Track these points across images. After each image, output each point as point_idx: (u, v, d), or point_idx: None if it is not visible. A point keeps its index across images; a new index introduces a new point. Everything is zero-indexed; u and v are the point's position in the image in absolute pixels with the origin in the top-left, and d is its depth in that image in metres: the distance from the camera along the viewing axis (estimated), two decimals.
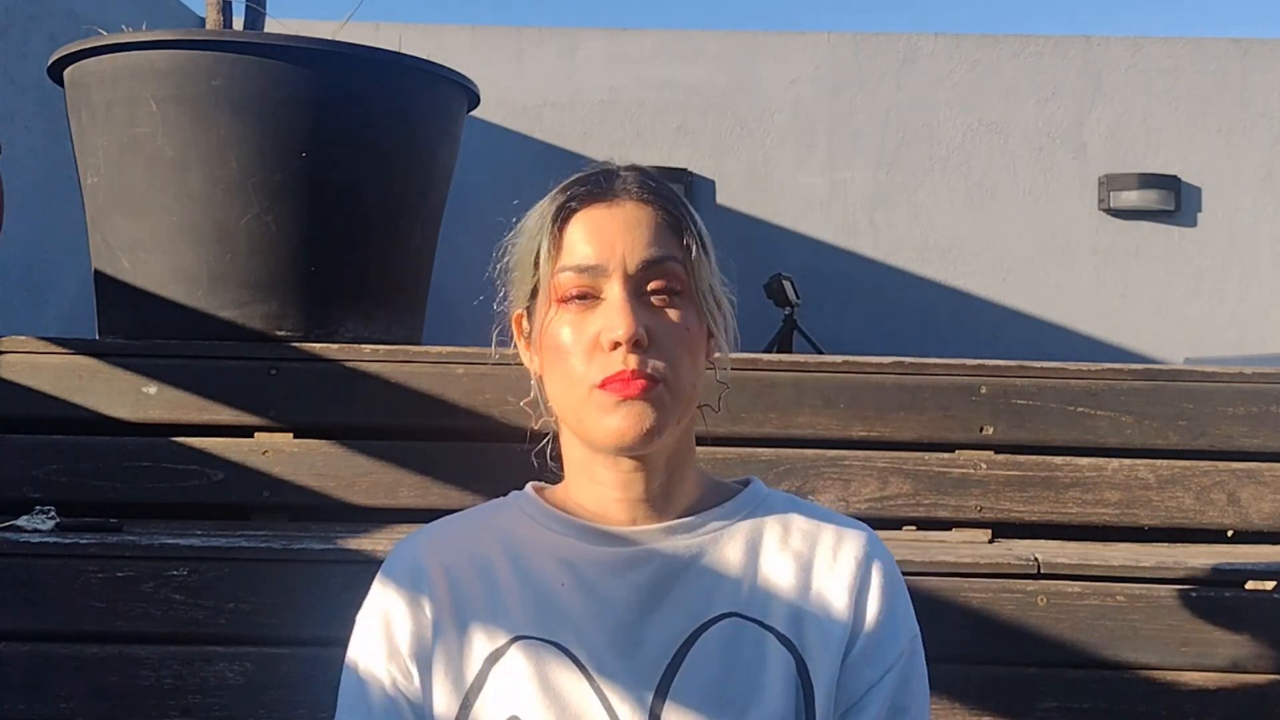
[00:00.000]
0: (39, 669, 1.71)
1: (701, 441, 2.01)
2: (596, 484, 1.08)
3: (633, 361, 1.00)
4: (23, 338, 2.08)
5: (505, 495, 1.17)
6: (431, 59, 2.44)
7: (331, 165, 2.32)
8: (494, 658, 1.03)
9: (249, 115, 2.25)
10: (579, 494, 1.10)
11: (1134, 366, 2.13)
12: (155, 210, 2.29)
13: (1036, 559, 1.78)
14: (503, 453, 2.08)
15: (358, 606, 1.13)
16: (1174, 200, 3.83)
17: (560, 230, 1.05)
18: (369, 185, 2.36)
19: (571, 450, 1.11)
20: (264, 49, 2.28)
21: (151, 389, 2.06)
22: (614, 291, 1.02)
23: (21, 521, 1.86)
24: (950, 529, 2.05)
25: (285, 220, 2.28)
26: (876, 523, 2.05)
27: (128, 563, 1.73)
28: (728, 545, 1.07)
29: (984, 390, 2.07)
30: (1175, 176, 3.84)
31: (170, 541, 1.76)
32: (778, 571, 1.06)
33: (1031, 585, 1.77)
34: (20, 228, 2.69)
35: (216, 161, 2.25)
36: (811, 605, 1.04)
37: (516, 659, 1.02)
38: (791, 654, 1.02)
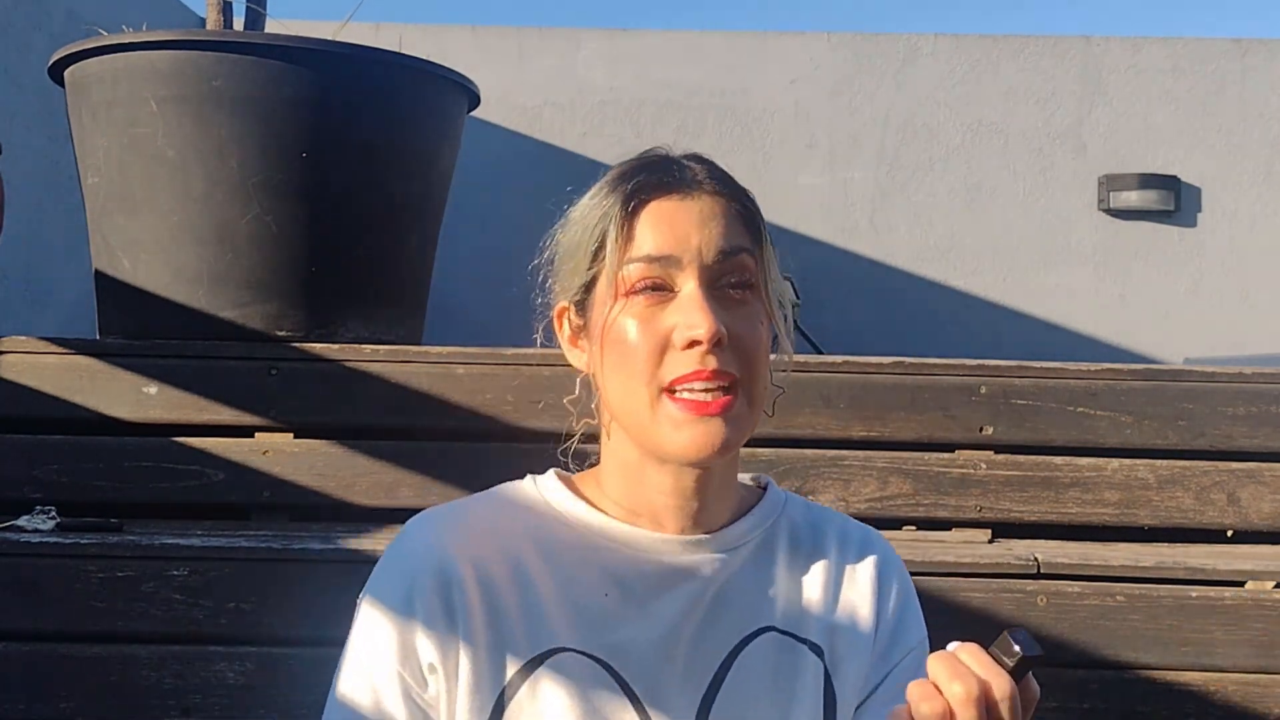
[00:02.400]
0: (39, 669, 1.71)
1: None
2: (646, 488, 1.00)
3: (711, 362, 0.93)
4: (23, 338, 2.08)
5: (523, 479, 1.08)
6: (431, 59, 2.44)
7: (332, 165, 2.32)
8: (529, 669, 0.96)
9: (249, 115, 2.25)
10: (619, 493, 1.02)
11: (1134, 366, 2.13)
12: (155, 210, 2.29)
13: (1036, 559, 1.78)
14: (503, 452, 2.08)
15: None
16: (1174, 200, 3.83)
17: (630, 220, 0.97)
18: (369, 185, 2.36)
19: (620, 452, 1.02)
20: (264, 49, 2.28)
21: (152, 389, 2.06)
22: (689, 286, 0.95)
23: (22, 521, 1.86)
24: (950, 529, 2.05)
25: (285, 220, 2.28)
26: (876, 523, 2.04)
27: (128, 563, 1.73)
28: (763, 557, 1.04)
29: (984, 390, 2.07)
30: (1175, 176, 3.84)
31: (170, 541, 1.76)
32: (810, 583, 1.05)
33: (1031, 585, 1.77)
34: (20, 228, 2.69)
35: (217, 161, 2.25)
36: (840, 616, 1.04)
37: (554, 672, 0.96)
38: (821, 664, 1.02)
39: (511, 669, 0.96)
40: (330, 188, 2.32)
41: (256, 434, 2.06)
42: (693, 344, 0.93)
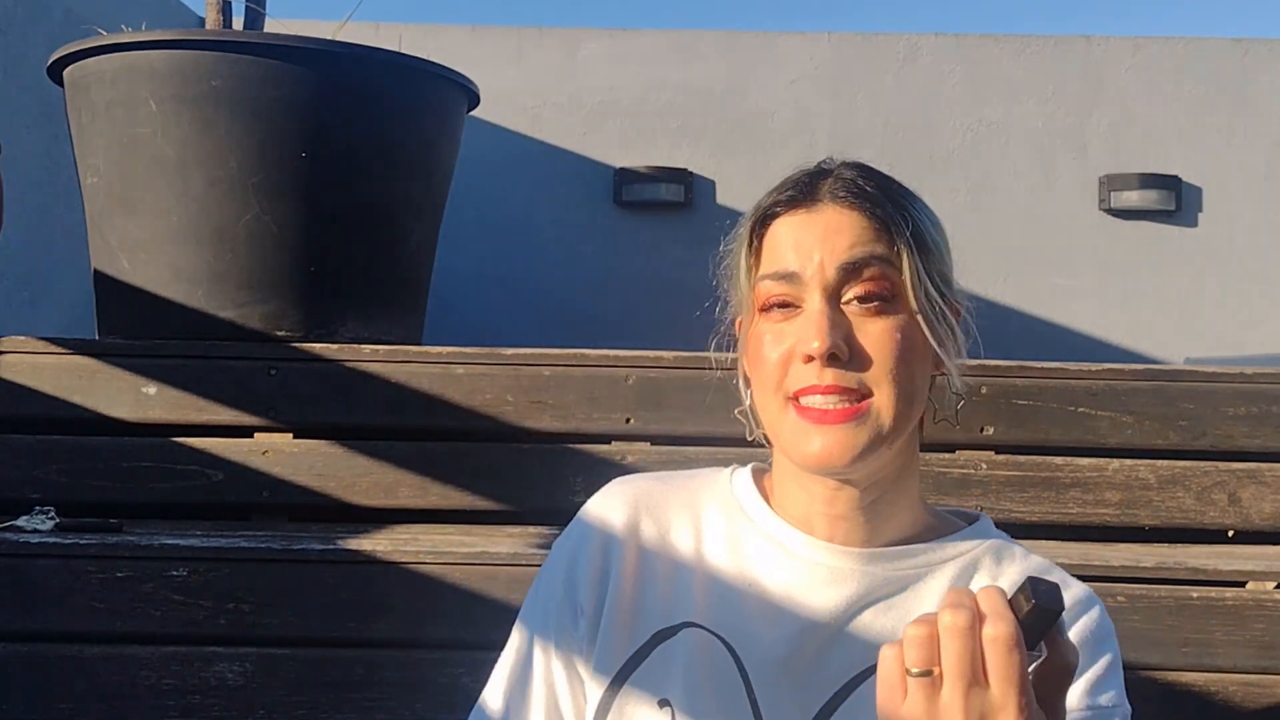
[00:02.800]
0: (39, 669, 1.71)
1: (702, 442, 2.02)
2: (804, 492, 1.02)
3: (829, 376, 0.95)
4: (23, 338, 2.08)
5: (724, 466, 1.13)
6: (431, 59, 2.44)
7: (331, 165, 2.32)
8: (662, 636, 1.01)
9: (249, 115, 2.25)
10: (786, 498, 1.05)
11: (1134, 366, 2.12)
12: (155, 210, 2.28)
13: None
14: (503, 453, 2.08)
15: (358, 606, 1.14)
16: (1174, 200, 3.82)
17: (760, 238, 1.02)
18: (369, 185, 2.36)
19: (782, 459, 1.05)
20: (264, 49, 2.28)
21: (151, 389, 2.06)
22: (813, 301, 0.97)
23: (21, 521, 1.86)
24: None
25: (285, 220, 2.28)
26: None
27: (128, 563, 1.72)
28: (931, 584, 1.00)
29: (984, 390, 2.07)
30: (1175, 176, 3.84)
31: (170, 541, 1.76)
32: None
33: None
34: (20, 228, 2.69)
35: (216, 161, 2.25)
36: None
37: (683, 644, 1.00)
38: None
39: (647, 633, 1.01)
40: (330, 187, 2.32)
41: (256, 434, 2.06)
42: (810, 358, 0.96)
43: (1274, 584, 1.78)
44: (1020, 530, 2.04)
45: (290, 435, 2.05)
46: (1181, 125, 3.88)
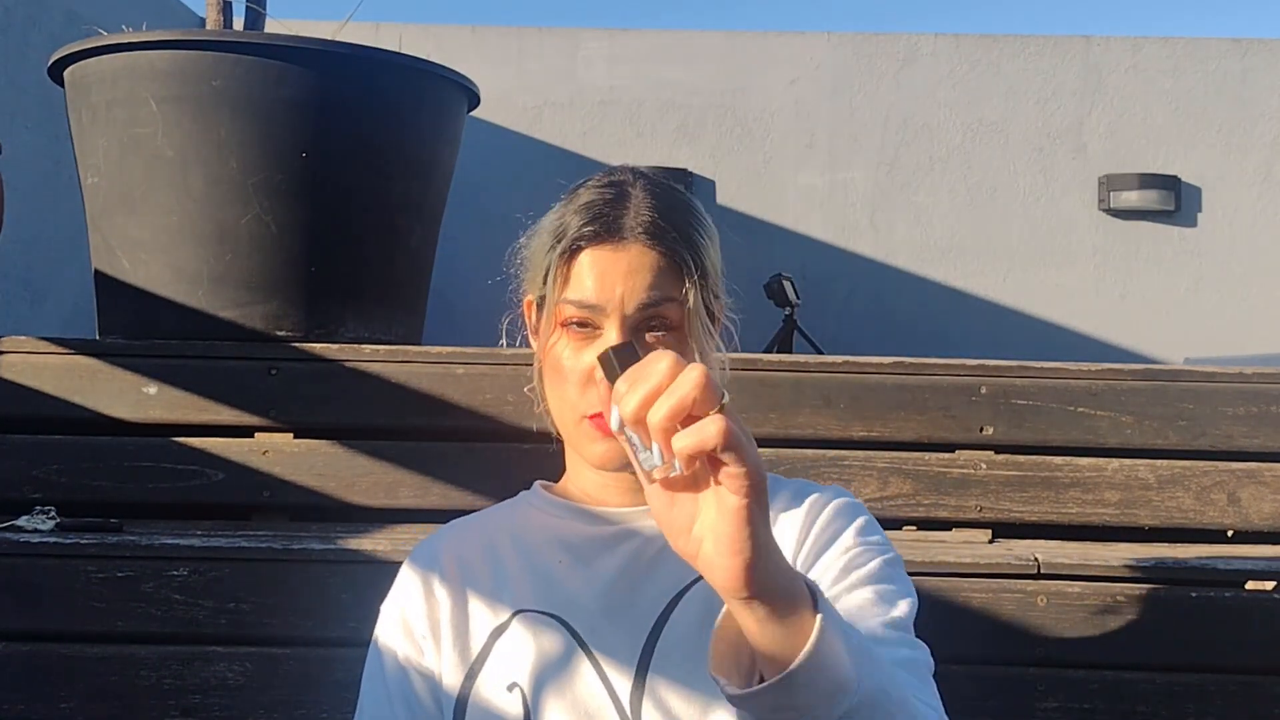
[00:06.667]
0: (39, 669, 1.71)
1: None
2: (594, 473, 1.18)
3: None
4: (23, 338, 2.08)
5: (517, 494, 1.27)
6: (431, 59, 2.44)
7: (332, 165, 2.32)
8: (497, 632, 1.13)
9: (249, 115, 2.25)
10: (579, 479, 1.21)
11: (1134, 366, 2.12)
12: (155, 210, 2.29)
13: (1036, 559, 1.78)
14: (503, 453, 2.08)
15: (358, 606, 1.17)
16: (1174, 200, 3.83)
17: (567, 263, 1.11)
18: (369, 185, 2.36)
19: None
20: (264, 49, 2.28)
21: (152, 389, 2.06)
22: (610, 332, 1.09)
23: (21, 521, 1.86)
24: (950, 529, 2.05)
25: (285, 220, 2.28)
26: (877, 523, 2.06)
27: (128, 563, 1.73)
28: None
29: (984, 390, 2.07)
30: (1175, 176, 3.84)
31: (170, 541, 1.76)
32: None
33: (1031, 585, 1.77)
34: (20, 228, 2.70)
35: (216, 161, 2.25)
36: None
37: (517, 631, 1.12)
38: None
39: (485, 631, 1.13)
40: (330, 188, 2.32)
41: (256, 434, 2.06)
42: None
43: (1273, 584, 1.78)
44: (1020, 530, 2.05)
45: (291, 435, 2.06)
46: (1181, 125, 3.88)
